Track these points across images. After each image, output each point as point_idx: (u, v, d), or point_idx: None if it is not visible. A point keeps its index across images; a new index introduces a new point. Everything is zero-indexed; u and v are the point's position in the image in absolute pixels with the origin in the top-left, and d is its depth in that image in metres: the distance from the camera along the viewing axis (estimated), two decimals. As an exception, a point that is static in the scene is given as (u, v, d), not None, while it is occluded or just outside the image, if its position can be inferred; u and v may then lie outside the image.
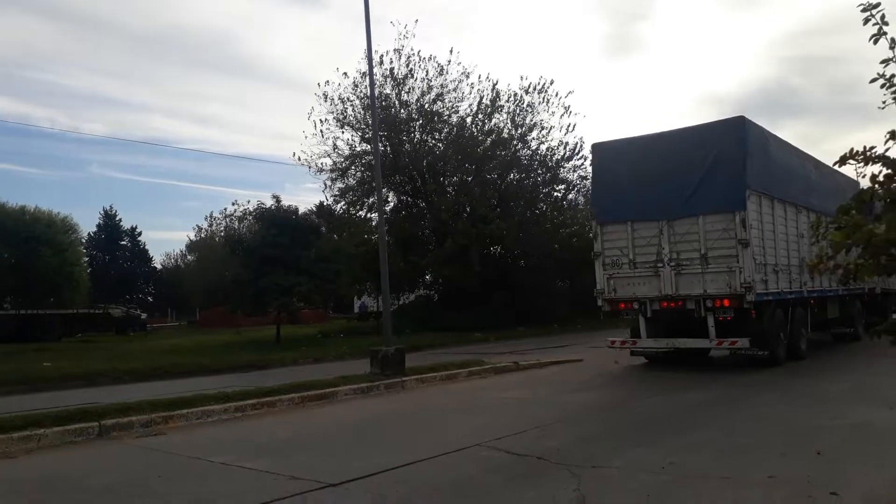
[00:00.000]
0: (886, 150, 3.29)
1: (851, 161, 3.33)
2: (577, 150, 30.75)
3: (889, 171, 3.25)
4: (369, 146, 26.55)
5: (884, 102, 3.29)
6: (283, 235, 21.95)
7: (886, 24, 3.24)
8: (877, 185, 3.29)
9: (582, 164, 31.50)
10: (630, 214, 11.67)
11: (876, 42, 3.27)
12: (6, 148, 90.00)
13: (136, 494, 5.02)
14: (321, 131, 28.55)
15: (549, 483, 4.80)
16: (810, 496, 4.23)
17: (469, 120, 29.58)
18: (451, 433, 6.99)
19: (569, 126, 31.90)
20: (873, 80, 3.32)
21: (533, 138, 30.35)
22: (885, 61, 3.26)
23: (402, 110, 28.76)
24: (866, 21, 3.27)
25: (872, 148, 3.31)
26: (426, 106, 28.66)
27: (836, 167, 3.80)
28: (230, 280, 24.41)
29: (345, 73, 28.96)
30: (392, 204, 30.66)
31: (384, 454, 6.00)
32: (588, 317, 34.18)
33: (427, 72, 28.42)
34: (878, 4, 3.25)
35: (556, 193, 31.77)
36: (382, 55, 27.42)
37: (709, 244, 10.79)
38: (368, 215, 29.51)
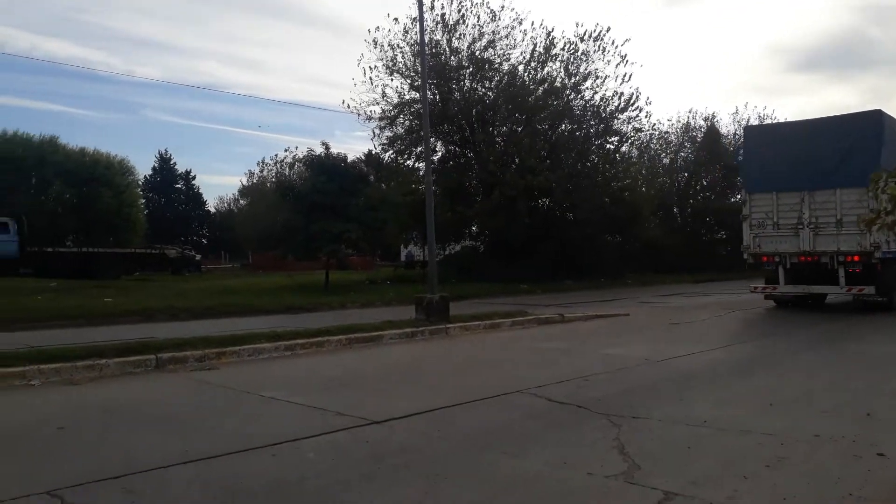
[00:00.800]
0: None
1: None
2: (632, 101, 29.89)
3: None
4: (418, 94, 26.29)
5: None
6: (332, 182, 22.12)
7: None
8: None
9: (637, 115, 30.67)
10: (776, 185, 14.19)
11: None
12: (65, 91, 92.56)
13: (190, 423, 5.27)
14: (370, 78, 28.36)
15: (589, 431, 4.85)
16: (856, 455, 4.17)
17: (521, 68, 28.93)
18: (492, 379, 7.09)
19: (624, 76, 30.88)
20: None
21: (587, 88, 29.56)
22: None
23: (453, 57, 28.28)
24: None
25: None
26: (477, 53, 28.11)
27: None
28: (281, 225, 24.80)
29: (395, 19, 28.54)
30: (440, 154, 30.50)
31: (427, 396, 6.13)
32: (639, 272, 33.96)
33: (479, 17, 27.76)
34: None
35: (608, 146, 31.05)
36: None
37: (843, 211, 13.17)
38: (416, 164, 29.47)
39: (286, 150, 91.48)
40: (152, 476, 3.91)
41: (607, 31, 28.92)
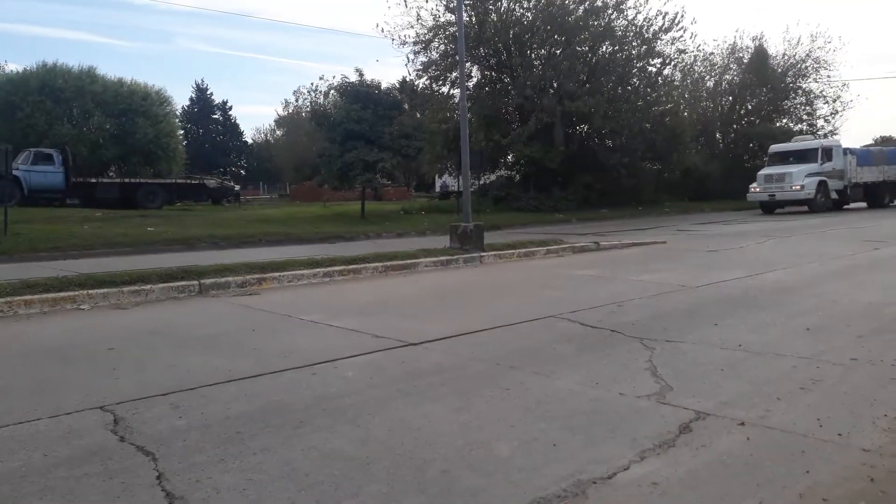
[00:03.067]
0: None
1: None
2: (676, 21, 28.72)
3: None
4: (454, 16, 25.56)
5: None
6: (366, 110, 21.94)
7: None
8: None
9: (681, 36, 29.50)
10: None
11: None
12: (101, 21, 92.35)
13: (233, 344, 5.45)
14: (405, 0, 27.65)
15: (622, 354, 4.88)
16: (893, 378, 4.13)
17: (561, -14, 27.83)
18: (526, 304, 7.14)
19: (670, -7, 29.56)
20: None
21: (629, 7, 28.44)
22: None
23: (489, -25, 27.32)
24: None
25: None
26: (514, -30, 27.08)
27: None
28: (316, 154, 24.87)
29: (431, -64, 27.53)
30: (475, 79, 29.87)
31: (461, 320, 6.22)
32: (677, 200, 33.33)
33: (516, -68, 26.63)
34: None
35: (650, 68, 29.97)
36: (469, -85, 25.80)
37: None
38: (451, 91, 28.95)
39: (321, 79, 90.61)
40: (198, 393, 4.09)
41: (652, -56, 27.49)
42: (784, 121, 39.50)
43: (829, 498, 2.61)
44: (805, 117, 40.04)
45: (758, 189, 25.97)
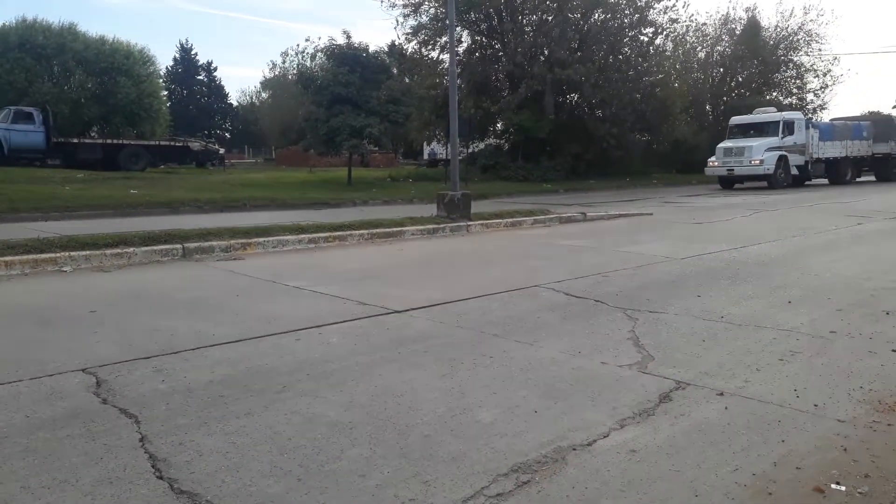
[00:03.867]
0: None
1: None
2: (670, -10, 28.36)
3: None
4: (444, -20, 25.12)
5: None
6: (354, 74, 21.62)
7: None
8: None
9: (674, 5, 29.23)
10: None
11: None
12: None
13: (217, 309, 5.43)
14: (396, -39, 27.13)
15: (605, 323, 4.92)
16: (871, 351, 4.19)
17: (553, -49, 27.41)
18: (511, 274, 7.16)
19: (664, -39, 29.21)
20: None
21: (623, -26, 28.04)
22: None
23: (481, -63, 26.82)
24: None
25: None
26: (507, -67, 26.62)
27: None
28: (303, 118, 24.55)
29: None
30: (466, 44, 29.54)
31: (446, 288, 6.24)
32: (665, 171, 33.36)
33: None
34: None
35: (642, 37, 29.75)
36: None
37: None
38: (440, 56, 28.63)
39: (307, 40, 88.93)
40: (181, 357, 4.08)
41: None
42: (774, 94, 39.46)
43: (802, 466, 2.67)
44: (795, 91, 40.09)
45: (716, 163, 24.81)
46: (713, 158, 25.09)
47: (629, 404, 3.32)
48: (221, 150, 39.12)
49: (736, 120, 26.70)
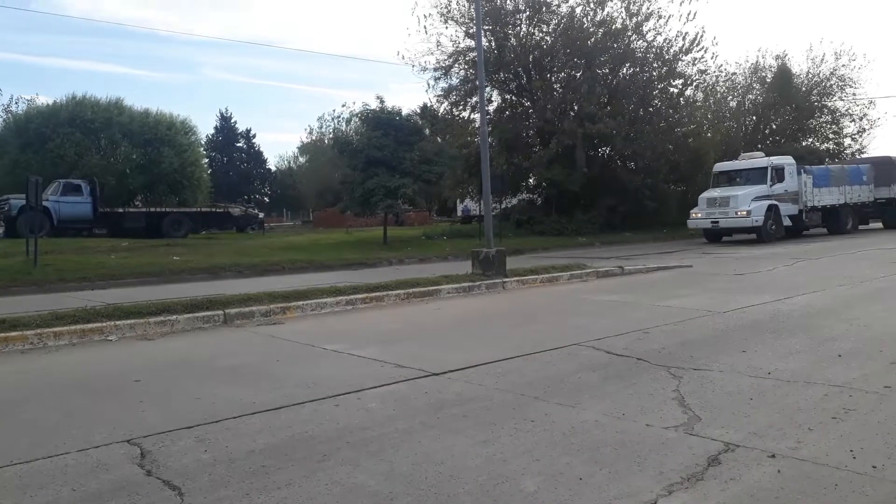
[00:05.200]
0: None
1: None
2: (696, 41, 28.70)
3: None
4: (473, 41, 25.85)
5: None
6: (387, 137, 22.17)
7: None
8: None
9: (702, 56, 29.43)
10: None
11: None
12: (127, 52, 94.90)
13: (258, 375, 5.48)
14: (425, 27, 28.22)
15: (648, 382, 4.81)
16: (930, 408, 4.01)
17: (579, 10, 28.09)
18: (550, 332, 7.09)
19: (689, 14, 29.88)
20: None
21: (649, 29, 28.52)
22: None
23: (509, 1, 27.60)
24: None
25: None
26: (533, -5, 27.38)
27: None
28: (339, 181, 25.15)
29: (449, -37, 28.00)
30: (496, 103, 30.09)
31: (484, 349, 6.20)
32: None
33: (534, -42, 26.98)
34: None
35: (671, 89, 29.91)
36: (488, -59, 26.20)
37: None
38: (471, 116, 29.18)
39: (343, 106, 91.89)
40: (222, 426, 4.11)
41: (670, -34, 27.70)
42: (810, 140, 39.03)
43: (865, 536, 2.54)
44: (831, 136, 39.56)
45: (699, 214, 22.66)
46: (696, 209, 23.04)
47: (676, 469, 3.21)
48: (261, 215, 40.14)
49: (720, 167, 24.86)
